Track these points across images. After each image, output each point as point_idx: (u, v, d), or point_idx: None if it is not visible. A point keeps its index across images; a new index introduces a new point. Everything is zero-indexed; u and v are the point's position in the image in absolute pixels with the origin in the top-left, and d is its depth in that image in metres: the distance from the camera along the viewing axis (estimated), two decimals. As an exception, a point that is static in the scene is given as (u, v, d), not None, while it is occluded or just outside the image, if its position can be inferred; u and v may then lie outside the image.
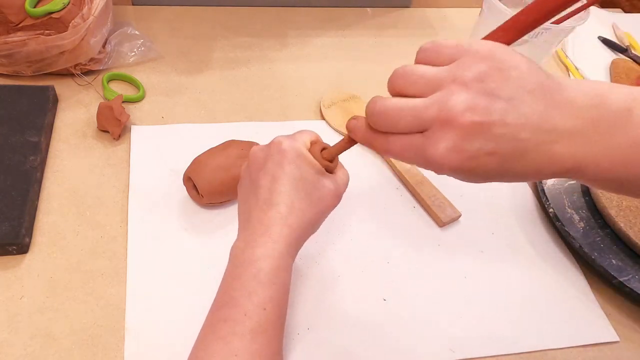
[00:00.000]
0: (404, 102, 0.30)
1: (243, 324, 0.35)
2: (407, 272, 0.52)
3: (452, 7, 0.87)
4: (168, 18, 0.76)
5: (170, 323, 0.45)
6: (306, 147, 0.40)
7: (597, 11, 0.93)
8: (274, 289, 0.36)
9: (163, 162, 0.56)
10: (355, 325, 0.47)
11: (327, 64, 0.73)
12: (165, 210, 0.53)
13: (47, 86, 0.59)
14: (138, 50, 0.67)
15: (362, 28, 0.80)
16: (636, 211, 0.55)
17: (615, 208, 0.55)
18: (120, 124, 0.57)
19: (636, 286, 0.50)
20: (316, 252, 0.52)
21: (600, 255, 0.53)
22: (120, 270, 0.48)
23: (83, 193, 0.53)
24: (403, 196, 0.58)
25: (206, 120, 0.62)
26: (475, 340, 0.48)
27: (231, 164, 0.50)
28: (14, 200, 0.48)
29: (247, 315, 0.35)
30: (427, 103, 0.29)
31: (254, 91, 0.67)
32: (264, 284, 0.36)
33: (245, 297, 0.36)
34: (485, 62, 0.28)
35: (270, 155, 0.39)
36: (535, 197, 0.60)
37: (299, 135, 0.41)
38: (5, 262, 0.47)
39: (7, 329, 0.43)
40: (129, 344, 0.43)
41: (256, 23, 0.77)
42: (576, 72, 0.79)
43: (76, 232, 0.50)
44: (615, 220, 0.54)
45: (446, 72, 0.29)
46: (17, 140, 0.53)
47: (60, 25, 0.58)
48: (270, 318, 0.36)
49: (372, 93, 0.74)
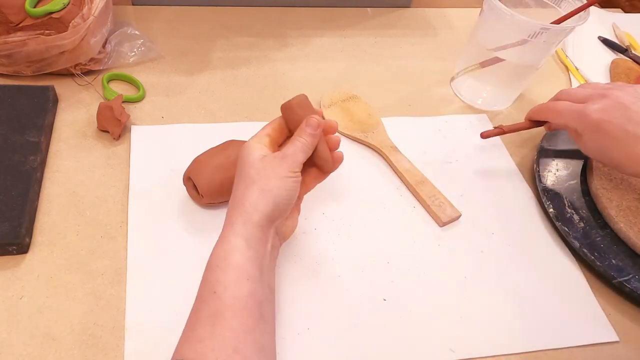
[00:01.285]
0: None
1: (202, 310, 0.38)
2: (407, 272, 0.52)
3: (452, 7, 0.87)
4: (168, 18, 0.76)
5: (170, 323, 0.45)
6: (258, 140, 0.43)
7: (597, 11, 0.93)
8: (220, 271, 0.38)
9: (163, 162, 0.56)
10: (355, 325, 0.47)
11: (327, 64, 0.73)
12: (165, 210, 0.53)
13: (47, 86, 0.59)
14: (138, 50, 0.67)
15: (362, 28, 0.80)
16: (636, 211, 0.55)
17: (616, 208, 0.55)
18: (120, 124, 0.57)
19: (636, 286, 0.50)
20: (316, 252, 0.52)
21: (600, 256, 0.53)
22: (120, 270, 0.48)
23: (83, 193, 0.53)
24: (403, 196, 0.58)
25: (206, 120, 0.62)
26: (475, 340, 0.48)
27: (231, 164, 0.50)
28: (14, 200, 0.48)
29: (204, 302, 0.38)
30: (589, 92, 0.53)
31: (254, 91, 0.67)
32: (210, 268, 0.39)
33: (202, 283, 0.39)
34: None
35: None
36: (536, 197, 0.60)
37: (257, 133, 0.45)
38: (5, 262, 0.47)
39: (7, 329, 0.43)
40: (129, 344, 0.43)
41: (256, 23, 0.78)
42: (576, 72, 0.79)
43: (76, 232, 0.50)
44: (615, 221, 0.54)
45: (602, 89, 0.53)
46: (17, 140, 0.53)
47: (60, 25, 0.58)
48: (225, 301, 0.37)
49: (372, 93, 0.75)
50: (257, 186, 0.41)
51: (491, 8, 0.61)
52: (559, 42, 0.63)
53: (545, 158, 0.61)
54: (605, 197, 0.56)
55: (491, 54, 0.65)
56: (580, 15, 0.60)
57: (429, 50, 0.79)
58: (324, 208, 0.55)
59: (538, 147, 0.63)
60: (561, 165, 0.61)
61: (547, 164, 0.61)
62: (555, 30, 0.59)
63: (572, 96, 0.54)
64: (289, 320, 0.47)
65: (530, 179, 0.62)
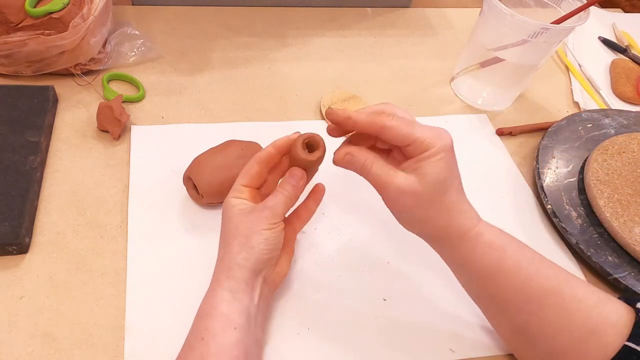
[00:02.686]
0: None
1: (189, 357, 0.38)
2: (407, 272, 0.52)
3: (452, 7, 0.87)
4: (168, 18, 0.76)
5: (170, 323, 0.45)
6: (237, 194, 0.43)
7: (597, 11, 0.93)
8: (209, 319, 0.39)
9: (163, 162, 0.56)
10: (356, 325, 0.47)
11: (327, 64, 0.73)
12: (165, 210, 0.53)
13: (47, 86, 0.59)
14: (138, 50, 0.67)
15: (362, 28, 0.80)
16: (626, 205, 0.55)
17: (605, 199, 0.56)
18: (120, 124, 0.57)
19: (631, 283, 0.51)
20: (316, 252, 0.52)
21: (597, 252, 0.53)
22: (120, 270, 0.48)
23: (83, 193, 0.53)
24: (403, 196, 0.58)
25: (206, 120, 0.62)
26: (475, 340, 0.48)
27: (231, 164, 0.50)
28: (14, 200, 0.48)
29: (191, 348, 0.38)
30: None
31: (254, 91, 0.67)
32: (200, 316, 0.40)
33: (191, 331, 0.40)
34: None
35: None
36: (536, 197, 0.60)
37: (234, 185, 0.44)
38: (5, 262, 0.47)
39: (7, 329, 0.43)
40: (129, 344, 0.43)
41: (256, 23, 0.78)
42: (576, 72, 0.79)
43: (76, 232, 0.50)
44: (602, 210, 0.55)
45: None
46: (17, 140, 0.53)
47: (60, 25, 0.58)
48: (211, 349, 0.37)
49: (372, 93, 0.74)
50: (237, 242, 0.41)
51: (491, 8, 0.61)
52: (559, 42, 0.63)
53: (546, 155, 0.62)
54: (597, 188, 0.56)
55: (491, 54, 0.65)
56: (580, 15, 0.60)
57: (429, 50, 0.79)
58: (324, 208, 0.55)
59: (539, 144, 0.63)
60: (561, 162, 0.61)
61: (547, 161, 0.61)
62: (555, 30, 0.59)
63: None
64: (289, 320, 0.47)
65: (530, 179, 0.62)
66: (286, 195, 0.42)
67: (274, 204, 0.41)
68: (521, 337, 0.42)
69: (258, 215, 0.41)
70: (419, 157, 0.39)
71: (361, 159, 0.41)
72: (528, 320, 0.41)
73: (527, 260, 0.41)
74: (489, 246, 0.41)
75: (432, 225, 0.42)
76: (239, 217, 0.41)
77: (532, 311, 0.40)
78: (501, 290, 0.41)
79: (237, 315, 0.39)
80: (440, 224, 0.41)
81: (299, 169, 0.43)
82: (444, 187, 0.40)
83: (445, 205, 0.40)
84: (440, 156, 0.39)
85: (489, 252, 0.41)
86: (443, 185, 0.39)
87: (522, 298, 0.40)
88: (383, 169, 0.40)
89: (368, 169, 0.40)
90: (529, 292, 0.40)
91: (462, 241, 0.41)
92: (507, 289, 0.41)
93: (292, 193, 0.42)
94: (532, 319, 0.40)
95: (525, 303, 0.40)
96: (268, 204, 0.41)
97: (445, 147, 0.39)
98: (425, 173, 0.39)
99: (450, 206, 0.40)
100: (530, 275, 0.40)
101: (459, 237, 0.41)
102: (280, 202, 0.41)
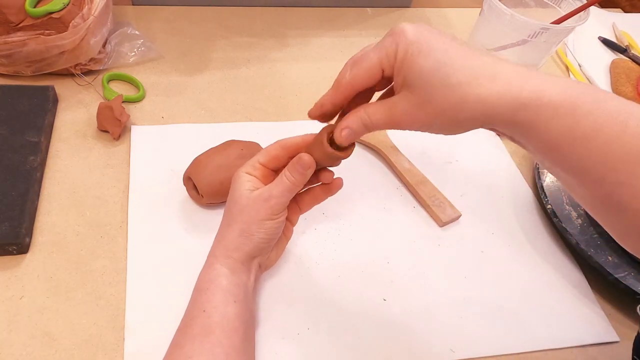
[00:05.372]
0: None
1: (191, 327, 0.39)
2: (407, 272, 0.52)
3: (452, 7, 0.87)
4: (168, 18, 0.76)
5: (170, 323, 0.44)
6: (251, 169, 0.43)
7: (597, 11, 0.93)
8: (209, 293, 0.40)
9: (163, 162, 0.56)
10: (355, 325, 0.47)
11: (327, 64, 0.73)
12: (165, 210, 0.53)
13: (47, 86, 0.59)
14: (138, 50, 0.67)
15: (362, 28, 0.80)
16: None
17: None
18: (120, 124, 0.57)
19: (631, 283, 0.51)
20: (316, 252, 0.52)
21: (597, 252, 0.53)
22: (120, 270, 0.48)
23: (83, 193, 0.53)
24: (403, 196, 0.58)
25: (206, 120, 0.62)
26: (475, 340, 0.48)
27: (231, 164, 0.50)
28: (14, 200, 0.48)
29: (192, 319, 0.40)
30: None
31: (254, 91, 0.67)
32: (199, 290, 0.41)
33: (190, 304, 0.41)
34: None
35: None
36: (535, 197, 0.60)
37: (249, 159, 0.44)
38: (5, 262, 0.47)
39: (7, 329, 0.43)
40: (129, 344, 0.43)
41: (256, 23, 0.78)
42: (576, 72, 0.79)
43: (76, 232, 0.50)
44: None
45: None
46: (17, 140, 0.53)
47: (60, 25, 0.58)
48: (214, 319, 0.38)
49: (372, 93, 0.71)
50: (237, 226, 0.41)
51: (491, 8, 0.61)
52: (559, 42, 0.63)
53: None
54: None
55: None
56: (580, 15, 0.60)
57: (429, 50, 0.78)
58: (324, 208, 0.55)
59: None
60: (561, 164, 0.61)
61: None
62: (555, 30, 0.59)
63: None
64: (289, 320, 0.47)
65: (530, 179, 0.62)
66: (293, 182, 0.41)
67: (279, 193, 0.41)
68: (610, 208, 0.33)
69: (263, 205, 0.41)
70: (393, 69, 0.34)
71: (357, 122, 0.37)
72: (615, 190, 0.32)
73: (612, 116, 0.31)
74: (553, 110, 0.31)
75: (471, 110, 0.33)
76: (245, 200, 0.41)
77: (620, 181, 0.31)
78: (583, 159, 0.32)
79: (235, 289, 0.40)
80: (477, 107, 0.32)
81: (308, 155, 0.41)
82: (438, 74, 0.32)
83: (461, 88, 0.32)
84: (407, 53, 0.33)
85: (555, 118, 0.31)
86: (436, 73, 0.32)
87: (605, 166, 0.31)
88: (380, 110, 0.36)
89: (370, 122, 0.36)
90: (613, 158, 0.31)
91: (519, 113, 0.32)
92: (589, 156, 0.32)
93: (298, 180, 0.41)
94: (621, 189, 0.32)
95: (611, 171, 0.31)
96: (273, 193, 0.41)
97: (404, 41, 0.33)
98: (409, 78, 0.33)
99: (468, 81, 0.32)
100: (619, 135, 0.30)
101: (513, 109, 0.32)
102: (285, 189, 0.41)
